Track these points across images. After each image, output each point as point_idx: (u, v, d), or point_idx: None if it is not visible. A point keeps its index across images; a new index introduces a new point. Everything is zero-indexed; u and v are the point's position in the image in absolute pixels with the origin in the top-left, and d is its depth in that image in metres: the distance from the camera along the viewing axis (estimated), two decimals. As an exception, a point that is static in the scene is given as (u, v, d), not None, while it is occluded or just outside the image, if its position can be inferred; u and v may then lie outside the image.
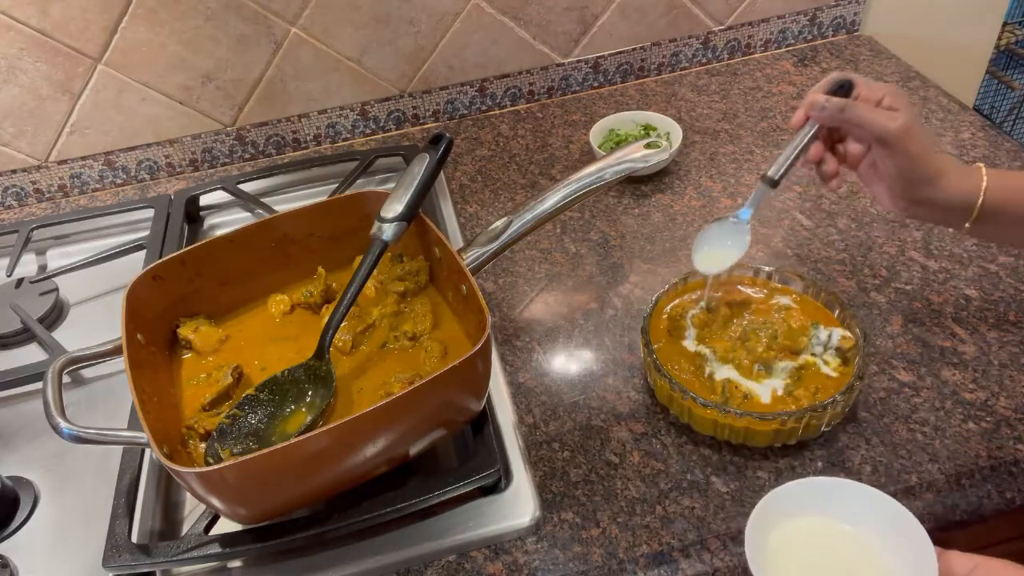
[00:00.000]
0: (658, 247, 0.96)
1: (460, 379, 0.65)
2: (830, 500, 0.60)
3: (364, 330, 0.79)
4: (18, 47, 1.05)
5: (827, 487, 0.60)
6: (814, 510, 0.60)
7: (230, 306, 0.83)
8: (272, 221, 0.81)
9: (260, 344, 0.80)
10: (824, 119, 0.69)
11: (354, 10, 1.12)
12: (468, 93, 1.24)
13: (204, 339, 0.78)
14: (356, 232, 0.82)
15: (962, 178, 0.68)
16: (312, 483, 0.63)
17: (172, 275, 0.77)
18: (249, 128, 1.20)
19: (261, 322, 0.82)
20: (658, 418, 0.76)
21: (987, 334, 0.80)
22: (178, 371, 0.77)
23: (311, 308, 0.82)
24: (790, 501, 0.60)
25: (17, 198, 1.18)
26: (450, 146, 0.80)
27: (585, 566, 0.66)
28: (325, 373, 0.73)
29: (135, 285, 0.73)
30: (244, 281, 0.82)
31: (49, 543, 0.74)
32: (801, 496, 0.60)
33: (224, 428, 0.69)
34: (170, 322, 0.79)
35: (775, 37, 1.29)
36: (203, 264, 0.79)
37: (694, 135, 1.14)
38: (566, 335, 0.86)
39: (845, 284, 0.88)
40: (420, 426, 0.66)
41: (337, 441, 0.60)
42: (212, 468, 0.57)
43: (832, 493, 0.60)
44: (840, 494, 0.60)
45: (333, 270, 0.84)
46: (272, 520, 0.66)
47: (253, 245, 0.81)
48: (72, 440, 0.63)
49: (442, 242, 0.76)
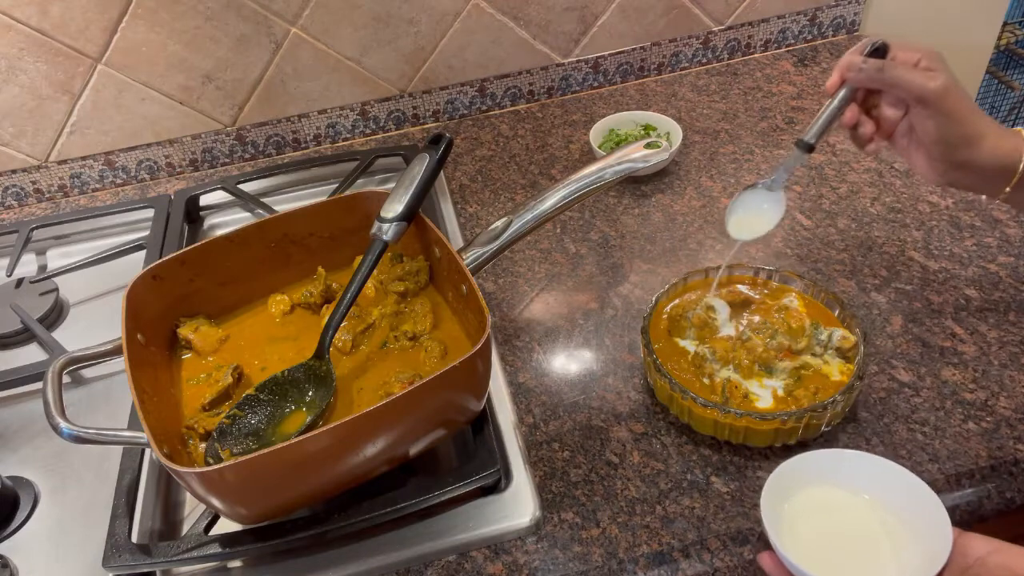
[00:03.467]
0: (658, 247, 0.96)
1: (460, 379, 0.65)
2: (848, 471, 0.60)
3: (364, 330, 0.79)
4: (18, 47, 1.06)
5: (845, 458, 0.60)
6: (831, 480, 0.60)
7: (230, 306, 0.83)
8: (272, 221, 0.81)
9: (260, 344, 0.80)
10: (861, 80, 0.67)
11: (354, 10, 1.12)
12: (468, 93, 1.24)
13: (204, 339, 0.78)
14: (356, 232, 0.82)
15: (1003, 139, 0.66)
16: (312, 483, 0.63)
17: (172, 275, 0.77)
18: (249, 128, 1.20)
19: (261, 322, 0.82)
20: (658, 418, 0.76)
21: (987, 334, 0.80)
22: (178, 371, 0.77)
23: (311, 308, 0.82)
24: (807, 470, 0.60)
25: (17, 198, 1.18)
26: (450, 146, 0.80)
27: (585, 566, 0.66)
28: (325, 373, 0.73)
29: (135, 285, 0.73)
30: (244, 281, 0.82)
31: (49, 543, 0.74)
32: (818, 466, 0.60)
33: (224, 428, 0.69)
34: (170, 322, 0.78)
35: (775, 37, 1.29)
36: (203, 264, 0.78)
37: (694, 135, 1.14)
38: (566, 335, 0.86)
39: (845, 284, 0.88)
40: (420, 426, 0.66)
41: (337, 441, 0.60)
42: (212, 468, 0.57)
43: (850, 464, 0.60)
44: (858, 465, 0.60)
45: (333, 270, 0.84)
46: (272, 520, 0.66)
47: (253, 245, 0.81)
48: (72, 440, 0.63)
49: (442, 242, 0.76)
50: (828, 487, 0.60)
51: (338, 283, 0.83)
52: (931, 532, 0.55)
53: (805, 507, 0.59)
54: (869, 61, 0.66)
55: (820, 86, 1.21)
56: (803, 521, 0.59)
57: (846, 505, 0.60)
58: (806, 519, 0.59)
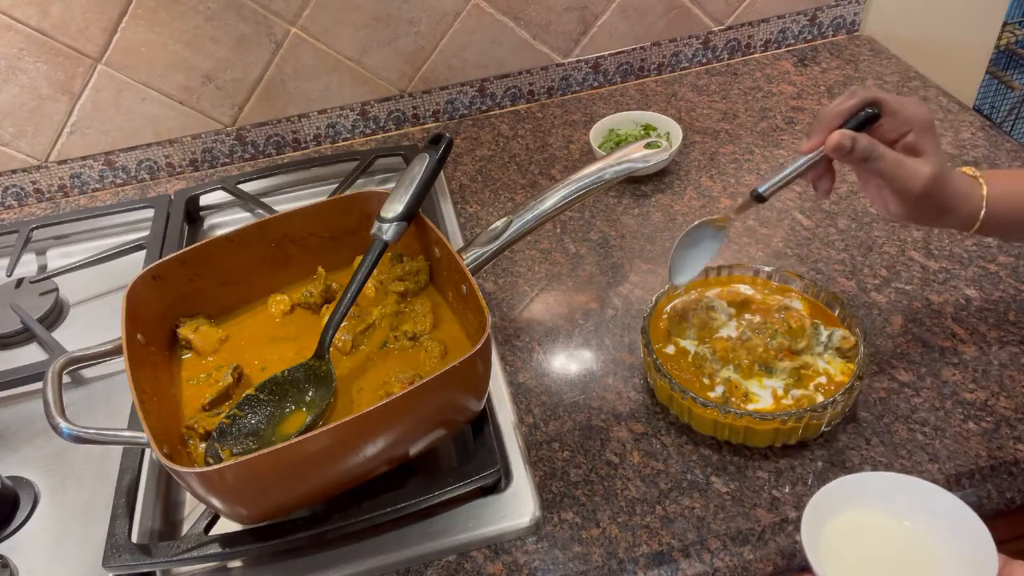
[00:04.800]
0: (658, 247, 0.96)
1: (460, 379, 0.64)
2: (891, 495, 0.58)
3: (364, 330, 0.79)
4: (18, 47, 1.06)
5: (888, 481, 0.59)
6: (874, 504, 0.59)
7: (230, 306, 0.82)
8: (272, 221, 0.81)
9: (260, 344, 0.80)
10: (847, 161, 0.64)
11: (354, 10, 1.12)
12: (468, 93, 1.24)
13: (204, 339, 0.78)
14: (356, 232, 0.82)
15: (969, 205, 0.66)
16: (312, 483, 0.63)
17: (172, 275, 0.77)
18: (249, 128, 1.20)
19: (261, 322, 0.82)
20: (658, 418, 0.76)
21: (987, 334, 0.80)
22: (178, 371, 0.77)
23: (311, 308, 0.82)
24: (849, 493, 0.59)
25: (17, 198, 1.18)
26: (450, 146, 0.80)
27: (585, 566, 0.66)
28: (325, 373, 0.73)
29: (135, 285, 0.73)
30: (244, 281, 0.82)
31: (49, 543, 0.74)
32: (861, 489, 0.59)
33: (224, 428, 0.69)
34: (170, 322, 0.78)
35: (775, 37, 1.29)
36: (203, 264, 0.78)
37: (694, 135, 1.14)
38: (566, 335, 0.86)
39: (845, 284, 0.88)
40: (420, 426, 0.66)
41: (337, 441, 0.60)
42: (212, 468, 0.57)
43: (894, 488, 0.58)
44: (902, 489, 0.58)
45: (333, 270, 0.84)
46: (272, 520, 0.66)
47: (253, 245, 0.81)
48: (72, 440, 0.63)
49: (442, 242, 0.76)
50: (870, 511, 0.59)
51: (338, 283, 0.83)
52: (975, 559, 0.54)
53: (846, 531, 0.58)
54: (857, 144, 0.62)
55: (820, 86, 1.21)
56: (844, 545, 0.57)
57: (889, 529, 0.58)
58: (847, 543, 0.57)
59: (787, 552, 0.66)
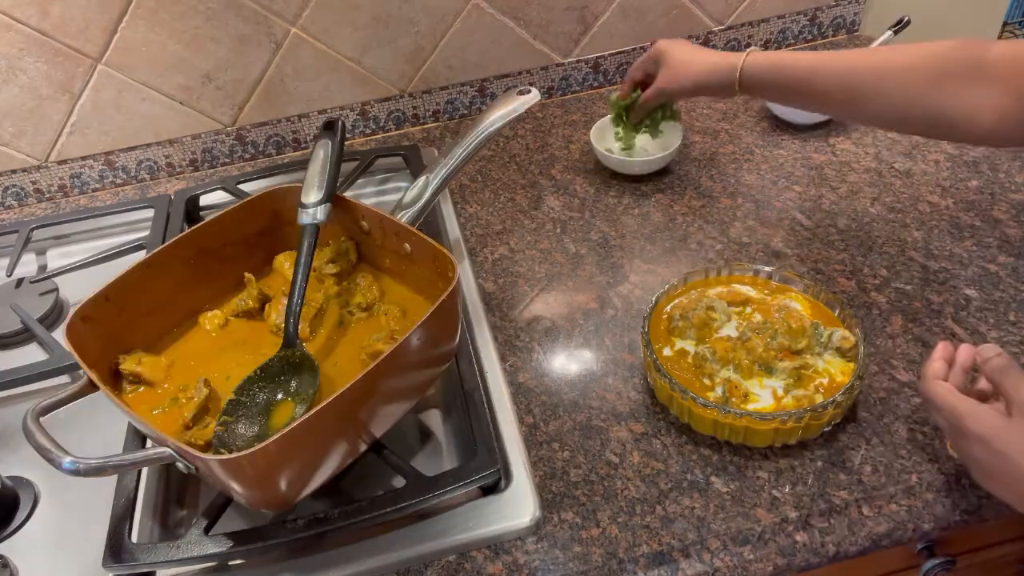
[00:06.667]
0: (658, 247, 0.96)
1: (445, 315, 0.69)
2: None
3: (316, 315, 0.80)
4: (18, 47, 1.06)
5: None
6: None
7: (162, 332, 0.80)
8: (184, 239, 0.79)
9: (210, 358, 0.78)
10: None
11: (354, 10, 1.12)
12: (468, 93, 1.24)
13: (151, 369, 0.75)
14: (267, 233, 0.85)
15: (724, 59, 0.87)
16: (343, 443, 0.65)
17: (99, 314, 0.73)
18: (249, 128, 1.20)
19: (200, 340, 0.81)
20: (658, 418, 0.76)
21: (987, 334, 0.80)
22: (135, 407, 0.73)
23: (249, 315, 0.82)
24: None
25: (17, 198, 1.18)
26: (343, 128, 0.86)
27: (585, 566, 0.66)
28: (302, 358, 0.73)
29: (69, 328, 0.69)
30: (171, 304, 0.80)
31: (49, 543, 0.74)
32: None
33: (221, 436, 0.68)
34: (108, 361, 0.75)
35: (775, 37, 1.29)
36: (127, 296, 0.75)
37: (694, 135, 1.14)
38: (566, 335, 0.86)
39: (845, 284, 0.88)
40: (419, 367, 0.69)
41: (364, 393, 0.63)
42: (245, 453, 0.56)
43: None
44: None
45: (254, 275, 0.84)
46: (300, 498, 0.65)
47: (171, 266, 0.79)
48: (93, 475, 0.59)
49: (370, 212, 0.79)
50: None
51: (266, 287, 0.84)
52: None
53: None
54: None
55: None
56: None
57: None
58: None
59: (787, 552, 0.66)
